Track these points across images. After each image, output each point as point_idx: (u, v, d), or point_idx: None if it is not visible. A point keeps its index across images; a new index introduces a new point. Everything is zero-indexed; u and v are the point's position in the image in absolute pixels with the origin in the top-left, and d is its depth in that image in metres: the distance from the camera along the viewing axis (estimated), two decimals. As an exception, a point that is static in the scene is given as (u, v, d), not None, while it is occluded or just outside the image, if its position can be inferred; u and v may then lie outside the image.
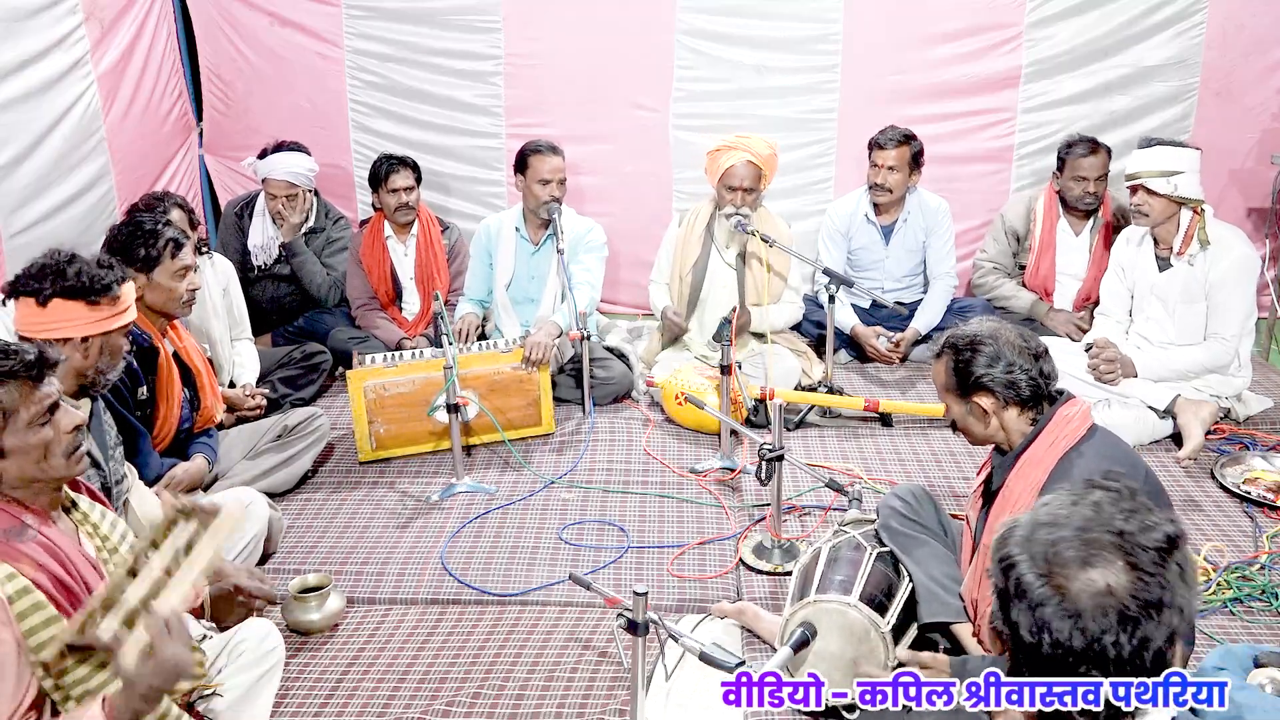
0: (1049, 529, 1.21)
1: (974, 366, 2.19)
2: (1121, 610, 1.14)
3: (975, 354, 2.19)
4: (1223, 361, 3.54)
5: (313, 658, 2.52)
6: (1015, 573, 1.20)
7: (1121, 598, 1.14)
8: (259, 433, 3.36)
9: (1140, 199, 3.47)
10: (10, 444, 1.72)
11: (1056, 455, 2.14)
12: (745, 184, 3.93)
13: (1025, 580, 1.18)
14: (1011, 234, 4.42)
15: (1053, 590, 1.16)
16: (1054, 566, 1.17)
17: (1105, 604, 1.14)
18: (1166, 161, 3.40)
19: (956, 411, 2.28)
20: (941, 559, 2.39)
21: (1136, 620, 1.14)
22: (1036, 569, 1.18)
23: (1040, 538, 1.20)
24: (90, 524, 1.89)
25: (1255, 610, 2.62)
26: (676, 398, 3.71)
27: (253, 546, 2.80)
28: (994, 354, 2.18)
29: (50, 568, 1.72)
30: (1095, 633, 1.14)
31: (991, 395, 2.19)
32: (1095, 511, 1.21)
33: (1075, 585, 1.15)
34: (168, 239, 2.93)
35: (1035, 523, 1.23)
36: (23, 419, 1.72)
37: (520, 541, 3.05)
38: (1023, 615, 1.18)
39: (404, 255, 4.36)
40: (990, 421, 2.21)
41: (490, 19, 4.66)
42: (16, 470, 1.74)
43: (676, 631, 1.95)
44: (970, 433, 2.29)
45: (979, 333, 2.22)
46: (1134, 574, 1.15)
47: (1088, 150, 4.09)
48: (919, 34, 4.58)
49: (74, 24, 3.90)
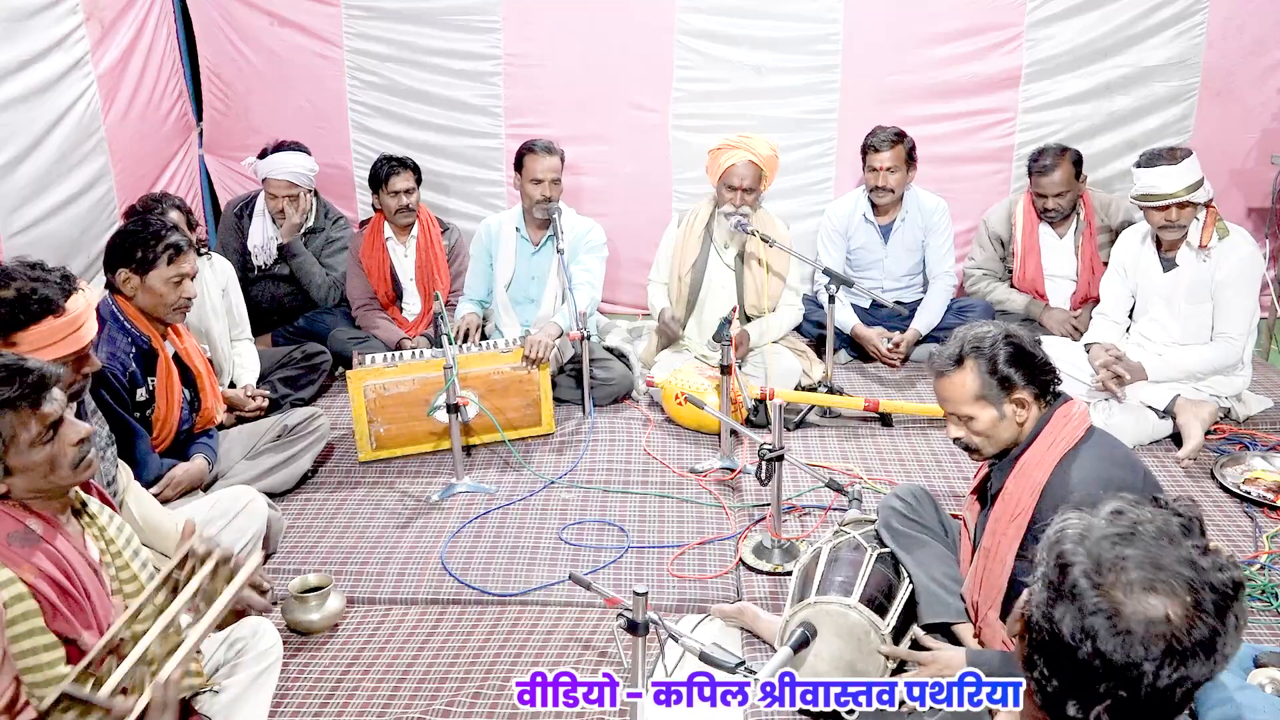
0: (1117, 541, 1.18)
1: (1011, 363, 2.14)
2: (1172, 643, 1.12)
3: (1006, 350, 2.15)
4: (1231, 361, 3.54)
5: (313, 658, 2.52)
6: (1072, 574, 1.17)
7: (1177, 631, 1.13)
8: (259, 433, 3.36)
9: (1176, 215, 3.42)
10: (15, 463, 1.74)
11: (1056, 457, 2.13)
12: (746, 183, 3.93)
13: (1080, 585, 1.16)
14: (995, 239, 4.43)
15: (1108, 603, 1.14)
16: (1116, 580, 1.16)
17: (1159, 632, 1.12)
18: (1195, 173, 3.38)
19: (986, 419, 2.18)
20: (942, 559, 2.39)
21: (1184, 657, 1.12)
22: (1096, 578, 1.16)
23: (1107, 547, 1.18)
24: (98, 527, 1.90)
25: (1255, 610, 2.62)
26: (676, 398, 3.71)
27: (252, 546, 2.80)
28: (1019, 346, 2.15)
29: (52, 574, 1.72)
30: (1139, 657, 1.12)
31: (1029, 388, 2.15)
32: (1169, 538, 1.19)
33: (1133, 606, 1.14)
34: (167, 244, 2.90)
35: (1102, 530, 1.20)
36: (24, 441, 1.73)
37: (520, 541, 3.05)
38: (1070, 617, 1.16)
39: (404, 256, 4.37)
40: (1020, 421, 2.16)
41: (489, 19, 4.66)
42: (25, 484, 1.76)
43: (676, 631, 1.95)
44: (992, 440, 2.20)
45: (995, 332, 2.18)
46: (1195, 612, 1.14)
47: (1049, 166, 4.06)
48: (919, 34, 4.58)
49: (74, 24, 3.90)
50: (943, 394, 2.24)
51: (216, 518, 2.73)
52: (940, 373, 2.23)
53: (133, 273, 2.89)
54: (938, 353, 2.26)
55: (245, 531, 2.77)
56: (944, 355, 2.22)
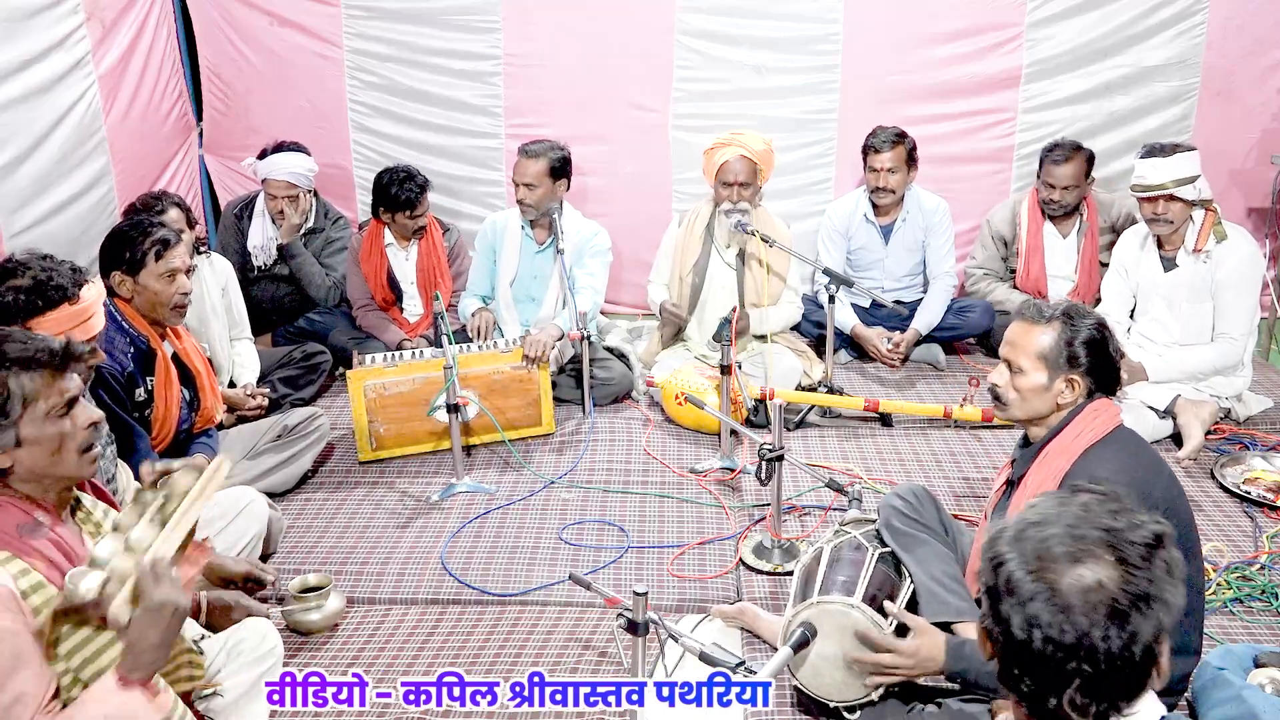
0: (1037, 527, 1.23)
1: (1088, 347, 2.15)
2: (1111, 604, 1.16)
3: (1093, 334, 2.15)
4: (1232, 361, 3.54)
5: (313, 658, 2.52)
6: (1005, 570, 1.22)
7: (1111, 592, 1.16)
8: (259, 433, 3.35)
9: (1163, 208, 3.45)
10: (27, 433, 1.71)
11: (1081, 448, 2.13)
12: (740, 179, 3.93)
13: (1015, 577, 1.20)
14: (998, 239, 4.43)
15: (1043, 585, 1.18)
16: (1044, 563, 1.19)
17: (1095, 599, 1.16)
18: (1187, 168, 3.39)
19: (1035, 381, 2.17)
20: (943, 559, 2.39)
21: (1126, 614, 1.15)
22: (1026, 565, 1.20)
23: (1030, 535, 1.22)
24: (93, 523, 1.89)
25: (1255, 610, 2.62)
26: (676, 398, 3.71)
27: (253, 546, 2.80)
28: (1104, 339, 2.16)
29: (62, 565, 1.71)
30: (1085, 627, 1.15)
31: (1088, 378, 2.16)
32: (1084, 510, 1.23)
33: (1065, 580, 1.17)
34: (153, 240, 2.88)
35: (1024, 522, 1.25)
36: (41, 409, 1.72)
37: (520, 541, 3.05)
38: (1014, 612, 1.19)
39: (405, 260, 4.35)
40: (1062, 402, 2.17)
41: (489, 19, 4.66)
42: (30, 461, 1.73)
43: (676, 631, 1.95)
44: (1025, 404, 2.20)
45: (1095, 317, 2.19)
46: (1122, 569, 1.17)
47: (1062, 158, 4.10)
48: (919, 34, 4.58)
49: (75, 24, 3.90)
50: (1012, 337, 2.25)
51: (216, 518, 2.73)
52: (1027, 318, 2.23)
53: (125, 275, 2.89)
54: (1031, 302, 2.27)
55: (245, 532, 2.77)
56: (1039, 307, 2.23)
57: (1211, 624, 2.55)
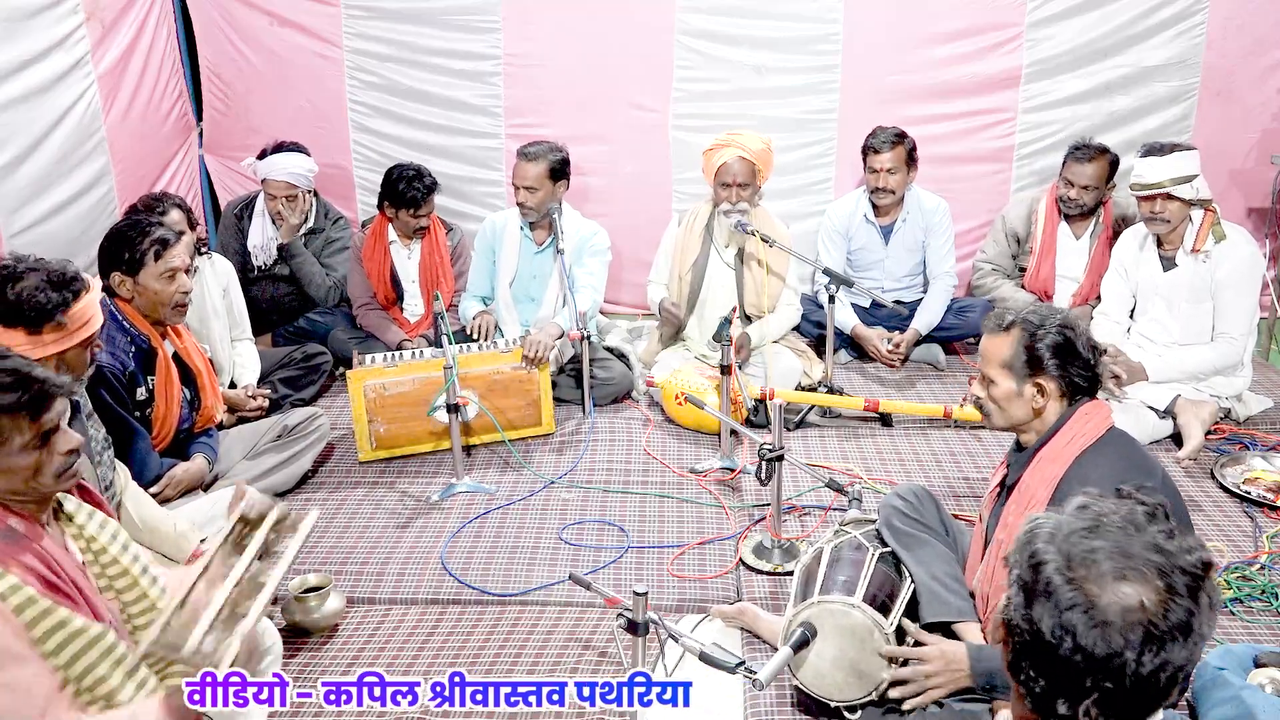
0: (1085, 535, 1.20)
1: (1050, 349, 2.15)
2: (1149, 628, 1.14)
3: (1054, 336, 2.15)
4: (1232, 361, 3.54)
5: (313, 658, 2.52)
6: (1045, 572, 1.19)
7: (1152, 615, 1.14)
8: (259, 433, 3.36)
9: (1160, 206, 3.46)
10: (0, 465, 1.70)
11: (1074, 453, 2.13)
12: (738, 179, 3.93)
13: (1055, 582, 1.18)
14: (1012, 236, 4.42)
15: (1084, 597, 1.16)
16: (1088, 573, 1.17)
17: (1134, 619, 1.14)
18: (1184, 167, 3.39)
19: (1004, 389, 2.19)
20: (944, 558, 2.39)
21: (1162, 640, 1.14)
22: (1069, 572, 1.18)
23: (1076, 541, 1.20)
24: (76, 526, 1.86)
25: (1255, 610, 2.62)
26: (676, 398, 3.71)
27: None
28: (1071, 342, 2.16)
29: (38, 570, 1.69)
30: (1119, 645, 1.14)
31: (1056, 381, 2.16)
32: (1135, 526, 1.21)
33: (1107, 596, 1.15)
34: (152, 240, 2.88)
35: (1070, 525, 1.22)
36: (15, 445, 1.70)
37: (520, 541, 3.05)
38: (1048, 615, 1.17)
39: (408, 259, 4.35)
40: (1037, 406, 2.17)
41: (489, 19, 4.66)
42: (4, 484, 1.72)
43: (676, 631, 1.95)
44: (1003, 413, 2.22)
45: (1056, 318, 2.18)
46: (1167, 595, 1.15)
47: (1085, 158, 4.09)
48: (919, 34, 4.58)
49: (75, 24, 3.90)
50: (981, 349, 2.29)
51: (217, 517, 2.73)
52: (989, 329, 2.26)
53: (124, 275, 2.89)
54: (992, 313, 2.29)
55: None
56: (999, 316, 2.26)
57: (1212, 624, 2.55)
